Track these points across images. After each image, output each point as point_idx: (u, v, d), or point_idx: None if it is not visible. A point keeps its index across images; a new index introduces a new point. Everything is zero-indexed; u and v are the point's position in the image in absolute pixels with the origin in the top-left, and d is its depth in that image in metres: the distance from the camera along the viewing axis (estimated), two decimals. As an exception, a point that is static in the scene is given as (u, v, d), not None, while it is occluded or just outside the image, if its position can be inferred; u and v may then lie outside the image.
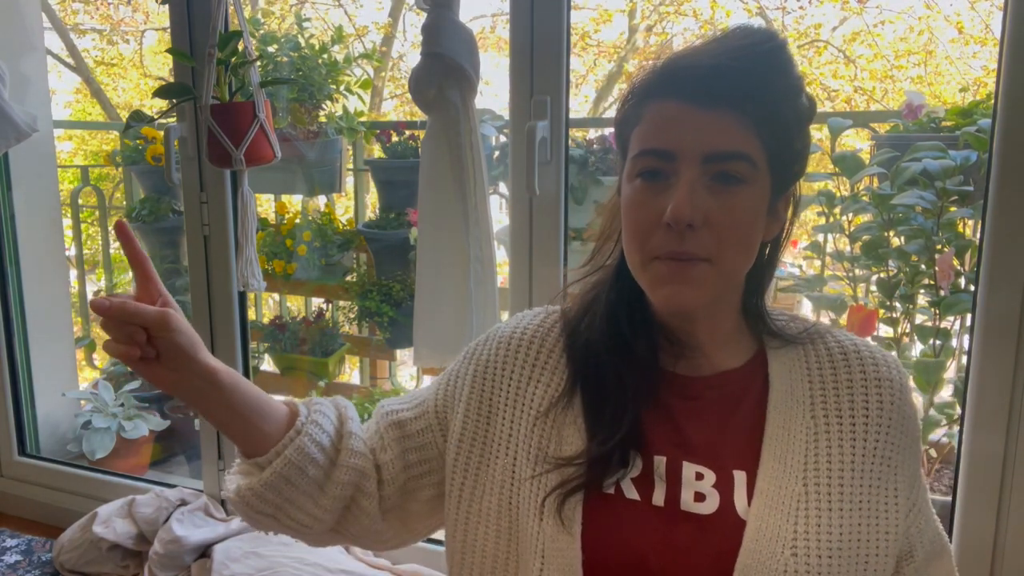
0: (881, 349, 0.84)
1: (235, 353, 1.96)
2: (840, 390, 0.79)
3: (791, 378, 0.80)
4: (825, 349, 0.82)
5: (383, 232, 2.48)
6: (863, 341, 0.84)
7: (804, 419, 0.77)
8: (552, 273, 1.60)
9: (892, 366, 0.82)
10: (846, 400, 0.79)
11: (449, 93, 1.51)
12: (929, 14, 5.65)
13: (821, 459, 0.75)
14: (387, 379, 2.95)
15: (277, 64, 2.37)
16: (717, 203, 0.73)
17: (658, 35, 6.34)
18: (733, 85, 0.73)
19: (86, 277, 3.38)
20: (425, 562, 1.82)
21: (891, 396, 0.80)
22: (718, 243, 0.74)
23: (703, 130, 0.73)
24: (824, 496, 0.74)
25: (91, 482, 2.23)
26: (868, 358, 0.81)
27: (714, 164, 0.73)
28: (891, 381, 0.80)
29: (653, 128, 0.76)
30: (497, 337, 0.89)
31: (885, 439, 0.78)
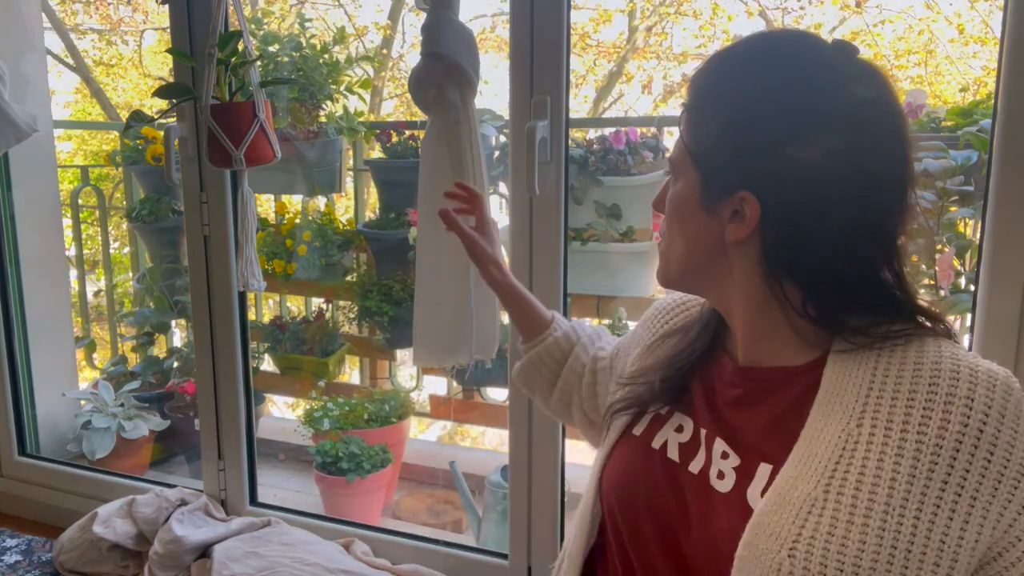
0: (985, 370, 0.74)
1: (235, 353, 1.96)
2: (898, 402, 0.73)
3: (846, 382, 0.76)
4: (903, 357, 0.75)
5: (383, 232, 2.48)
6: (967, 359, 0.75)
7: (847, 425, 0.74)
8: (552, 273, 1.60)
9: (977, 384, 0.72)
10: (901, 413, 0.72)
11: (449, 93, 1.51)
12: (929, 14, 5.65)
13: (853, 468, 0.71)
14: (387, 379, 2.94)
15: (278, 64, 2.37)
16: (668, 192, 0.86)
17: (658, 35, 6.34)
18: (692, 88, 0.82)
19: (86, 277, 3.38)
20: (425, 562, 1.82)
21: (962, 417, 0.70)
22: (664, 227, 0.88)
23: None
24: (846, 506, 0.70)
25: (91, 482, 2.23)
26: (948, 372, 0.73)
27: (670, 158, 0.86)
28: (966, 400, 0.71)
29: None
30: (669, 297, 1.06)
31: (950, 463, 0.70)
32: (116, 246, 3.99)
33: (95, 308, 3.88)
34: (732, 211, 0.79)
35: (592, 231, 2.19)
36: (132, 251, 3.17)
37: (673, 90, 6.42)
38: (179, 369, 2.77)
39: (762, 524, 0.73)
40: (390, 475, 2.38)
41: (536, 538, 1.73)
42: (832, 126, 0.74)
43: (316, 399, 2.55)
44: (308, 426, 2.45)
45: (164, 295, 2.76)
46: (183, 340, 3.00)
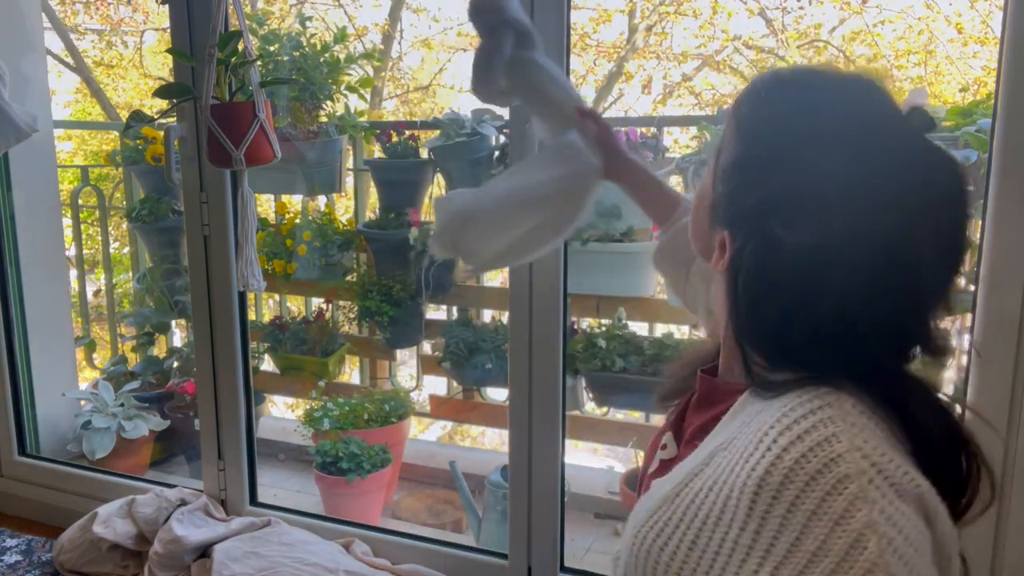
0: (811, 449, 0.63)
1: (235, 353, 1.96)
2: (751, 439, 0.68)
3: (747, 407, 0.73)
4: (789, 397, 0.69)
5: (383, 232, 2.48)
6: (801, 433, 0.65)
7: (717, 445, 0.71)
8: (552, 273, 1.60)
9: (804, 452, 0.63)
10: (741, 448, 0.68)
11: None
12: (929, 14, 5.65)
13: (697, 484, 0.70)
14: (387, 379, 2.95)
15: (277, 64, 2.37)
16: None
17: (658, 35, 6.34)
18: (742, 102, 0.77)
19: (86, 277, 3.38)
20: (425, 562, 1.82)
21: (741, 492, 0.65)
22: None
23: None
24: (678, 513, 0.70)
25: (91, 482, 2.23)
26: (790, 424, 0.66)
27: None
28: (749, 483, 0.64)
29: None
30: None
31: (743, 514, 0.64)
32: (116, 246, 3.99)
33: (95, 308, 3.88)
34: (719, 240, 0.75)
35: (592, 231, 2.20)
36: (132, 251, 3.17)
37: (673, 90, 6.42)
38: (179, 369, 2.77)
39: (636, 507, 0.77)
40: (390, 475, 2.38)
41: (536, 538, 1.73)
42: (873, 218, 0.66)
43: (316, 399, 2.55)
44: (308, 426, 2.45)
45: (164, 295, 2.76)
46: (183, 340, 3.00)
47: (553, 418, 1.67)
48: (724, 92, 6.29)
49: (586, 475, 2.58)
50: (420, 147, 2.46)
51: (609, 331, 2.24)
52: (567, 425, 1.72)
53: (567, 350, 1.71)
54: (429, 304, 2.58)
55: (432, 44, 6.85)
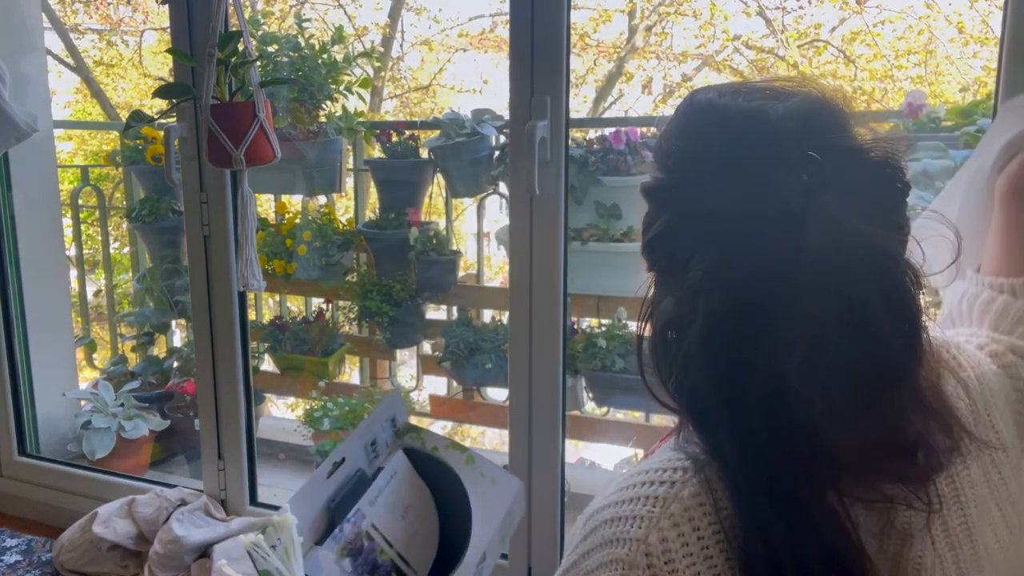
0: (622, 518, 0.62)
1: (235, 353, 1.96)
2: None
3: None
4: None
5: (383, 232, 2.48)
6: (632, 497, 0.63)
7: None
8: (552, 273, 1.60)
9: (595, 512, 0.66)
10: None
11: None
12: (929, 14, 5.65)
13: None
14: (387, 379, 2.95)
15: (277, 64, 2.37)
16: None
17: (658, 35, 6.34)
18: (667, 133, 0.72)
19: (86, 277, 3.38)
20: (425, 562, 1.82)
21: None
22: None
23: None
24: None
25: (91, 482, 2.23)
26: (615, 484, 0.68)
27: None
28: (587, 511, 0.69)
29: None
30: None
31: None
32: (116, 246, 3.98)
33: (95, 308, 3.88)
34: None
35: (592, 231, 2.20)
36: (132, 251, 3.17)
37: (673, 90, 6.42)
38: (179, 369, 2.77)
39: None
40: (390, 475, 2.38)
41: (536, 538, 1.73)
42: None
43: (316, 399, 2.55)
44: (308, 426, 2.45)
45: (164, 295, 2.76)
46: (183, 340, 3.00)
47: (553, 418, 1.67)
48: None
49: (586, 475, 2.58)
50: (420, 147, 2.46)
51: (609, 331, 2.24)
52: (567, 425, 1.72)
53: (567, 350, 1.71)
54: (429, 304, 2.58)
55: (432, 44, 6.85)
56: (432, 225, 2.55)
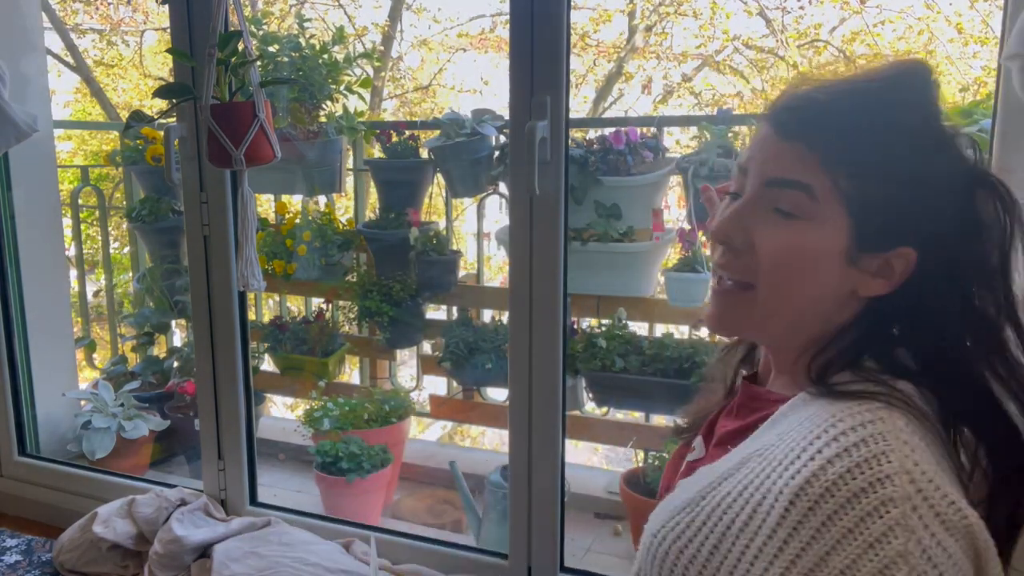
0: (858, 464, 0.61)
1: (235, 353, 1.96)
2: (791, 446, 0.66)
3: (785, 419, 0.72)
4: (838, 407, 0.67)
5: (383, 232, 2.48)
6: (849, 446, 0.63)
7: (751, 452, 0.70)
8: (552, 273, 1.60)
9: (855, 461, 0.61)
10: (780, 455, 0.66)
11: None
12: (929, 14, 5.65)
13: (725, 489, 0.69)
14: (387, 379, 2.95)
15: (277, 64, 2.37)
16: (768, 231, 0.72)
17: (658, 35, 6.34)
18: (815, 119, 0.71)
19: (86, 277, 3.38)
20: (425, 562, 1.82)
21: (775, 499, 0.63)
22: (760, 272, 0.73)
23: (773, 156, 0.73)
24: (701, 517, 0.69)
25: (91, 482, 2.23)
26: (838, 431, 0.64)
27: (774, 190, 0.72)
28: (786, 490, 0.62)
29: (748, 147, 0.79)
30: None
31: (775, 520, 0.63)
32: (116, 246, 3.99)
33: (95, 308, 3.88)
34: (879, 265, 0.72)
35: (592, 231, 2.20)
36: (132, 251, 3.17)
37: (673, 90, 6.42)
38: (179, 369, 2.77)
39: (659, 507, 0.77)
40: (390, 475, 2.38)
41: (536, 538, 1.73)
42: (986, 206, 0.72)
43: (316, 399, 2.55)
44: (308, 426, 2.45)
45: (164, 295, 2.76)
46: (183, 340, 3.00)
47: (553, 418, 1.67)
48: (724, 92, 6.29)
49: (586, 475, 2.58)
50: (420, 147, 2.46)
51: (609, 331, 2.24)
52: (567, 425, 1.72)
53: (567, 350, 1.71)
54: (429, 304, 2.58)
55: (432, 44, 6.85)
56: (432, 225, 2.55)
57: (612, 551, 2.18)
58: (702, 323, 0.81)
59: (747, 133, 2.09)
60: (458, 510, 2.38)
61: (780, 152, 0.72)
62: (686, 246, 2.15)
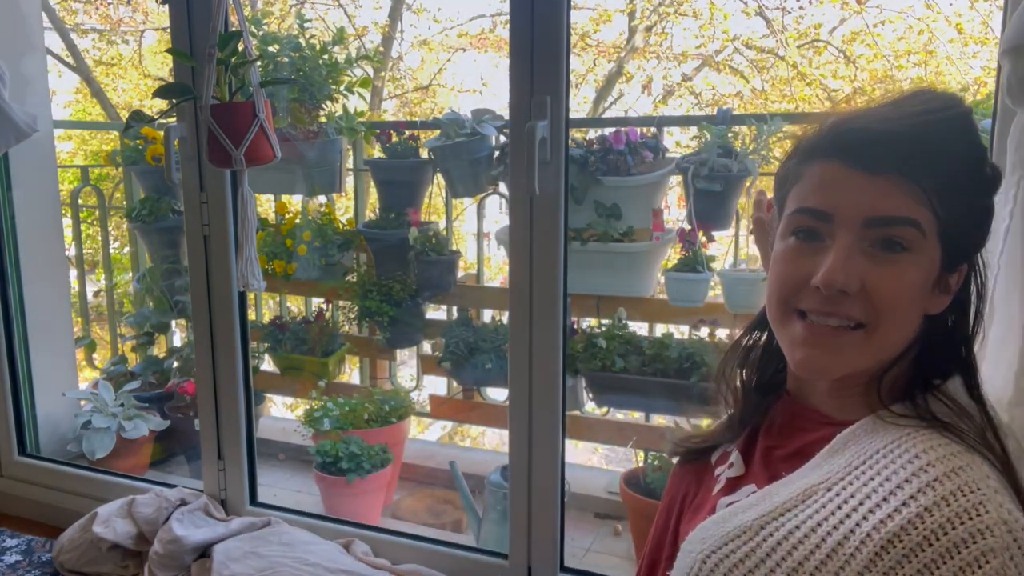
0: (958, 515, 0.62)
1: (235, 353, 1.96)
2: (871, 483, 0.66)
3: (851, 446, 0.71)
4: (910, 447, 0.67)
5: (383, 232, 2.48)
6: (946, 495, 0.63)
7: (818, 484, 0.70)
8: (552, 273, 1.60)
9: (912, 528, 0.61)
10: (862, 494, 0.66)
11: None
12: (929, 14, 5.65)
13: (792, 522, 0.68)
14: (387, 379, 2.95)
15: (277, 64, 2.37)
16: (877, 270, 0.71)
17: (658, 35, 6.34)
18: (904, 151, 0.70)
19: (86, 277, 3.38)
20: (425, 562, 1.82)
21: (861, 542, 0.63)
22: (875, 312, 0.72)
23: (867, 194, 0.71)
24: (765, 548, 0.68)
25: (91, 482, 2.23)
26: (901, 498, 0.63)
27: (876, 229, 0.71)
28: (876, 535, 0.62)
29: (812, 187, 0.74)
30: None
31: (865, 561, 0.62)
32: (116, 246, 3.99)
33: (95, 308, 3.88)
34: (945, 283, 0.75)
35: (592, 231, 2.19)
36: (132, 251, 3.17)
37: (673, 90, 6.42)
38: (179, 369, 2.77)
39: (704, 528, 0.75)
40: (390, 475, 2.38)
41: (536, 538, 1.73)
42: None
43: (316, 399, 2.55)
44: (308, 426, 2.45)
45: (164, 295, 2.76)
46: (183, 340, 3.00)
47: (553, 418, 1.67)
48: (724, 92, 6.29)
49: (586, 475, 2.58)
50: (420, 147, 2.46)
51: (609, 331, 2.24)
52: (567, 425, 1.72)
53: (567, 350, 1.71)
54: (429, 304, 2.58)
55: (432, 44, 6.85)
56: (432, 225, 2.55)
57: (612, 551, 2.18)
58: (799, 365, 0.76)
59: (747, 133, 2.09)
60: (458, 510, 2.38)
61: (874, 189, 0.70)
62: (686, 246, 2.15)
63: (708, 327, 2.17)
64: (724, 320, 2.18)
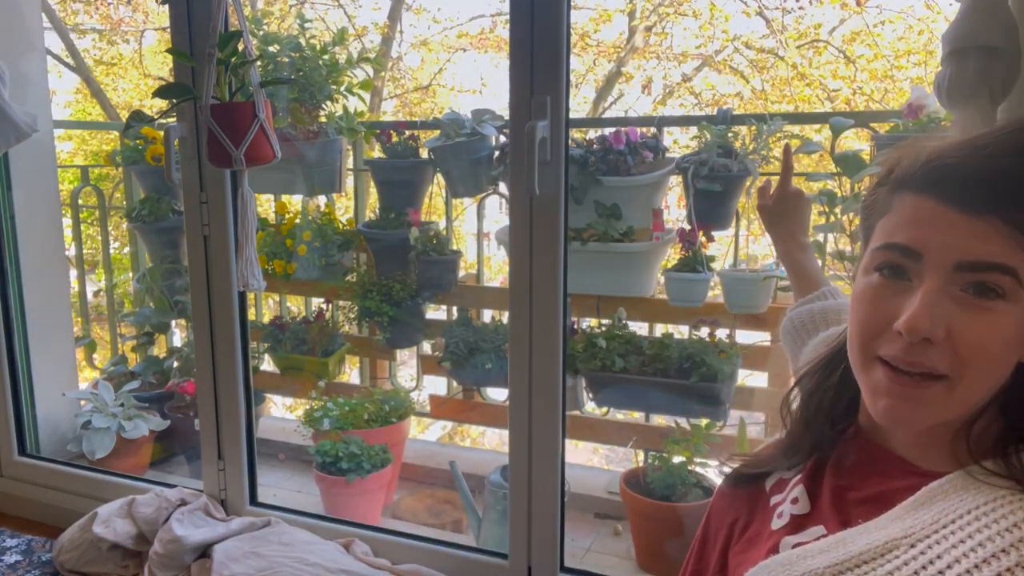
0: None
1: (235, 353, 1.96)
2: (961, 547, 0.63)
3: (938, 501, 0.68)
4: (1010, 513, 0.64)
5: (383, 232, 2.48)
6: None
7: (899, 538, 0.66)
8: (552, 273, 1.60)
9: None
10: (952, 558, 0.62)
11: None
12: (929, 14, 5.65)
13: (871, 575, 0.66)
14: (387, 379, 2.95)
15: (277, 64, 2.37)
16: (965, 317, 0.66)
17: (658, 35, 6.34)
18: (1004, 191, 0.65)
19: (86, 277, 3.38)
20: (425, 562, 1.82)
21: None
22: (959, 362, 0.67)
23: (961, 235, 0.66)
24: None
25: (91, 482, 2.23)
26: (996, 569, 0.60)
27: (969, 274, 0.66)
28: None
29: (903, 222, 0.70)
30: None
31: None
32: (116, 246, 3.99)
33: (95, 308, 3.88)
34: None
35: (592, 231, 2.20)
36: (132, 251, 3.17)
37: (673, 90, 6.42)
38: (179, 369, 2.77)
39: (766, 568, 0.71)
40: (390, 475, 2.38)
41: (536, 538, 1.73)
42: None
43: (316, 399, 2.55)
44: (308, 426, 2.45)
45: (164, 295, 2.76)
46: (183, 340, 3.00)
47: (553, 418, 1.67)
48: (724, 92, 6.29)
49: (586, 475, 2.58)
50: (420, 147, 2.46)
51: (609, 331, 2.24)
52: (567, 425, 1.72)
53: (567, 350, 1.71)
54: (429, 304, 2.58)
55: (432, 44, 6.85)
56: (432, 225, 2.55)
57: (612, 551, 2.18)
58: (882, 416, 0.72)
59: (747, 134, 2.09)
60: (458, 510, 2.38)
61: (970, 230, 0.66)
62: (686, 246, 2.15)
63: (708, 327, 2.17)
64: (724, 320, 2.18)
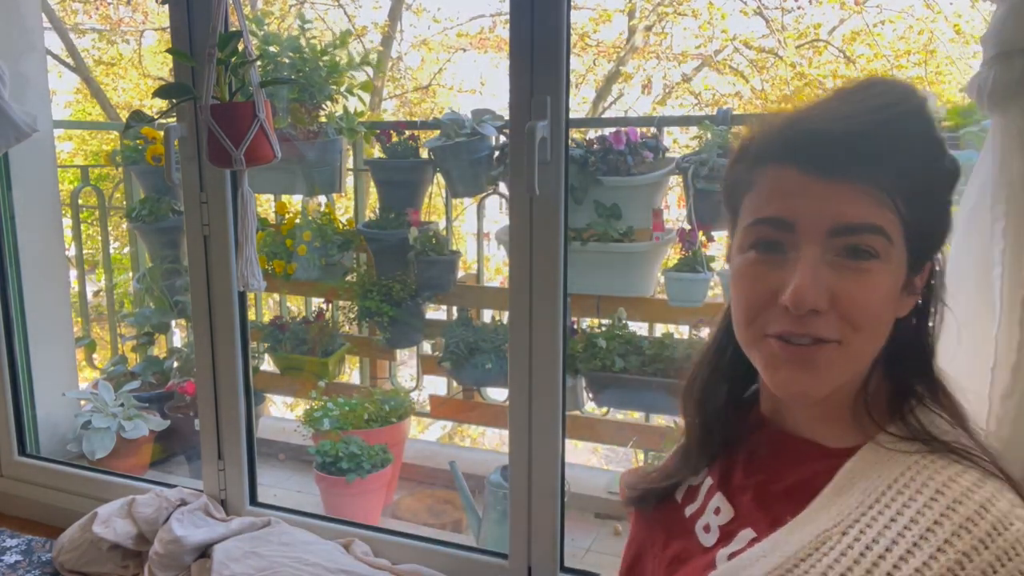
0: (998, 558, 0.60)
1: (235, 353, 1.96)
2: (894, 524, 0.63)
3: (859, 483, 0.67)
4: (928, 479, 0.64)
5: (383, 232, 2.48)
6: (983, 537, 0.61)
7: (830, 528, 0.65)
8: (552, 273, 1.60)
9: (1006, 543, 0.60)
10: (889, 537, 0.62)
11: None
12: (929, 14, 5.65)
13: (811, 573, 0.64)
14: (387, 379, 2.95)
15: (278, 64, 2.37)
16: (845, 281, 0.67)
17: (658, 35, 6.34)
18: (863, 152, 0.65)
19: (86, 277, 3.38)
20: (425, 562, 1.83)
21: (953, 565, 0.59)
22: (848, 325, 0.67)
23: (829, 200, 0.66)
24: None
25: (91, 482, 2.23)
26: (968, 510, 0.61)
27: (842, 238, 0.66)
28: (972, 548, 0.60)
29: (768, 195, 0.70)
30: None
31: None
32: (116, 246, 3.99)
33: (95, 308, 3.88)
34: (912, 284, 0.72)
35: (592, 231, 2.20)
36: (132, 251, 3.17)
37: (673, 90, 6.42)
38: (179, 369, 2.77)
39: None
40: (390, 475, 2.38)
41: (536, 538, 1.73)
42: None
43: (316, 399, 2.55)
44: (308, 426, 2.45)
45: (164, 295, 2.76)
46: (183, 340, 3.00)
47: (553, 418, 1.67)
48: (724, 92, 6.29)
49: (586, 475, 2.58)
50: (420, 147, 2.46)
51: (609, 331, 2.24)
52: (567, 425, 1.72)
53: (567, 350, 1.71)
54: (429, 304, 2.58)
55: (432, 44, 6.85)
56: (432, 225, 2.55)
57: (612, 551, 2.18)
58: (780, 387, 0.71)
59: (747, 133, 2.09)
60: (458, 510, 2.38)
61: (836, 195, 0.66)
62: (686, 246, 2.15)
63: (708, 327, 2.17)
64: (724, 320, 2.18)
